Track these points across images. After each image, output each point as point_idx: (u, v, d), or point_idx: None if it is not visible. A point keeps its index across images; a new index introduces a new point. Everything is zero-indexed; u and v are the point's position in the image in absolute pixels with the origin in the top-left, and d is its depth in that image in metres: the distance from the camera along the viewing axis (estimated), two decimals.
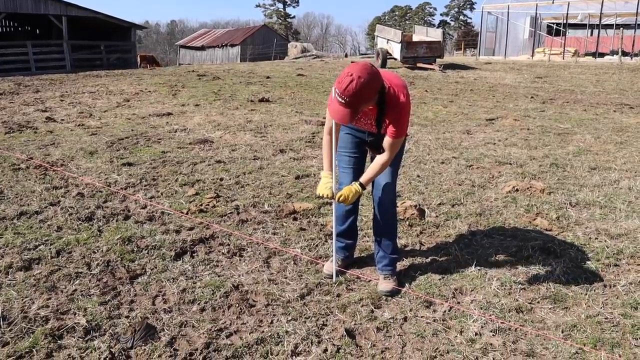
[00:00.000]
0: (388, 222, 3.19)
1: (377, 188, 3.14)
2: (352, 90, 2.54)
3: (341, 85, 2.57)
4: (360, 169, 3.23)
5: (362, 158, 3.23)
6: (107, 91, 13.76)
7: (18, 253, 3.61)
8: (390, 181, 3.12)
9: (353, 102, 2.59)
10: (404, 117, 2.83)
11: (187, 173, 5.62)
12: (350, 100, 2.58)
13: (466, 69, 21.39)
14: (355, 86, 2.54)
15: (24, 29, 36.27)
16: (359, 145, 3.18)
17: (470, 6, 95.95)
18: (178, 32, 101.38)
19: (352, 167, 3.21)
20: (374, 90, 2.65)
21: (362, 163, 3.24)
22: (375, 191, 3.18)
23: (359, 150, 3.20)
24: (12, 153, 6.57)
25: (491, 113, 9.81)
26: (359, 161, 3.23)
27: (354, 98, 2.57)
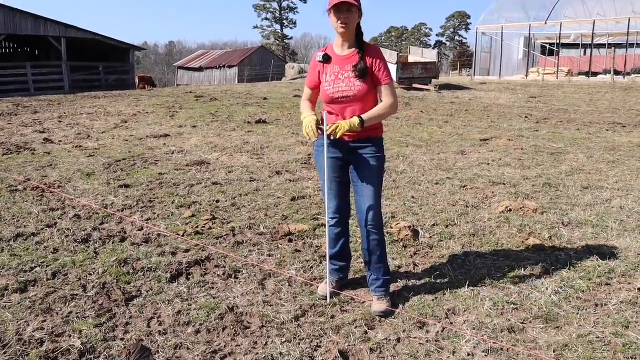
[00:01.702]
0: (377, 246, 3.22)
1: (362, 213, 3.17)
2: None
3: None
4: (346, 193, 3.29)
5: (347, 183, 3.28)
6: (105, 112, 13.85)
7: (14, 275, 3.63)
8: (375, 205, 3.14)
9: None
10: (385, 63, 3.09)
11: (184, 195, 5.66)
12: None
13: (461, 89, 21.58)
14: None
15: (24, 50, 36.55)
16: (342, 169, 3.23)
17: (466, 27, 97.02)
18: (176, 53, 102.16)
19: (336, 191, 3.26)
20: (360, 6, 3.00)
21: (347, 187, 3.29)
22: (360, 216, 3.21)
23: (343, 174, 3.24)
24: (10, 174, 6.61)
25: (486, 133, 9.90)
26: (344, 186, 3.28)
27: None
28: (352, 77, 3.04)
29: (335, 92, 3.07)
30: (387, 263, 3.33)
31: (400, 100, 16.42)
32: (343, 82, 3.06)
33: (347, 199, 3.31)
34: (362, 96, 3.04)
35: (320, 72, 3.16)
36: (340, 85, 3.06)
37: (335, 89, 3.07)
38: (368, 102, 3.06)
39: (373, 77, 3.05)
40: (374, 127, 3.10)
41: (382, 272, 3.24)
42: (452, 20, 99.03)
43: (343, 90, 3.06)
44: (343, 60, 3.09)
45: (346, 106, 3.07)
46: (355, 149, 3.12)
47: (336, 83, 3.08)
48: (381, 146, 3.17)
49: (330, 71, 3.11)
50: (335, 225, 3.33)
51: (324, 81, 3.13)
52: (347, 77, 3.05)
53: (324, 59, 3.13)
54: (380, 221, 3.21)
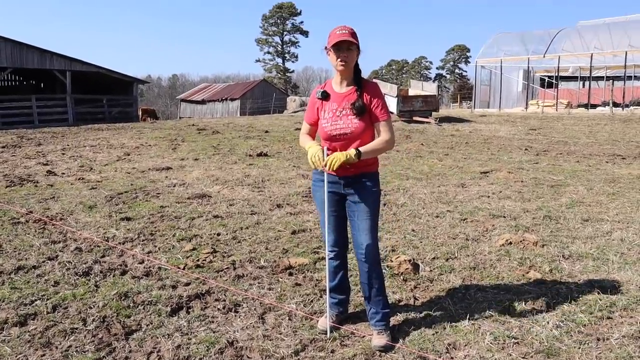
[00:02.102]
0: (375, 279, 3.24)
1: (359, 247, 3.20)
2: (348, 28, 3.06)
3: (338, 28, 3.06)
4: (343, 227, 3.33)
5: (343, 216, 3.31)
6: (108, 145, 13.97)
7: (14, 308, 3.63)
8: (371, 239, 3.17)
9: (352, 33, 3.05)
10: (383, 99, 3.14)
11: (185, 228, 5.69)
12: (350, 31, 3.04)
13: (462, 121, 21.75)
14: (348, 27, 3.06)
15: (29, 83, 37.05)
16: (339, 204, 3.26)
17: (465, 60, 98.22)
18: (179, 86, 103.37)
19: (334, 225, 3.30)
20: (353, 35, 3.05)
21: (344, 221, 3.32)
22: (357, 250, 3.23)
23: (340, 208, 3.28)
24: (12, 207, 6.65)
25: (486, 166, 9.96)
26: (341, 219, 3.31)
27: (352, 31, 3.05)
28: (349, 114, 3.09)
29: (333, 129, 3.12)
30: (386, 296, 3.34)
31: (401, 133, 16.57)
32: (341, 119, 3.11)
33: (344, 233, 3.35)
34: (359, 133, 3.09)
35: (319, 108, 3.22)
36: (338, 122, 3.11)
37: (333, 126, 3.12)
38: (365, 138, 3.11)
39: (371, 114, 3.10)
40: (368, 162, 3.14)
41: (381, 306, 3.24)
42: (452, 54, 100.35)
43: (340, 127, 3.11)
44: (341, 98, 3.15)
45: (344, 143, 3.12)
46: (351, 184, 3.16)
47: (334, 120, 3.13)
48: (376, 180, 3.21)
49: (329, 108, 3.16)
50: (334, 258, 3.36)
51: (322, 118, 3.19)
52: (345, 115, 3.11)
53: (322, 96, 3.19)
54: (377, 255, 3.24)
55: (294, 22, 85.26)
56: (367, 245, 3.16)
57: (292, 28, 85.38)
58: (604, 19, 33.23)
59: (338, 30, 3.04)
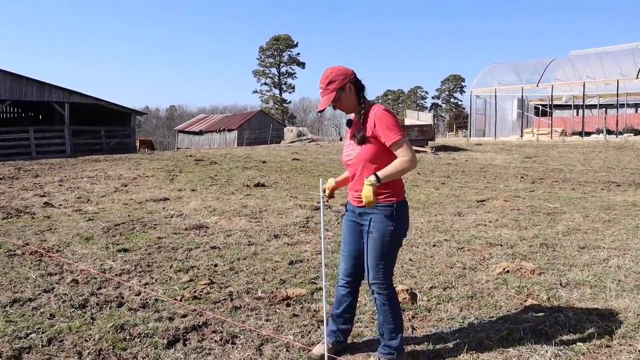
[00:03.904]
0: (380, 306, 3.23)
1: (367, 279, 3.25)
2: (325, 75, 3.14)
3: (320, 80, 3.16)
4: (358, 257, 3.32)
5: (359, 248, 3.31)
6: (106, 176, 14.00)
7: (8, 342, 3.60)
8: (374, 274, 3.18)
9: (328, 86, 3.12)
10: (386, 124, 3.07)
11: (182, 259, 5.67)
12: (326, 85, 3.13)
13: (458, 150, 21.91)
14: (327, 72, 3.15)
15: (28, 115, 37.29)
16: (357, 234, 3.30)
17: (460, 89, 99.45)
18: (177, 117, 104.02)
19: (347, 254, 3.36)
20: (343, 74, 3.14)
21: (360, 251, 3.30)
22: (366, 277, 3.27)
23: (356, 238, 3.31)
24: (9, 239, 6.63)
25: (482, 194, 10.00)
26: (355, 251, 3.33)
27: (326, 80, 3.12)
28: (354, 143, 3.21)
29: (345, 156, 3.32)
30: (397, 328, 3.23)
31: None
32: (350, 146, 3.26)
33: (357, 263, 3.32)
34: (361, 160, 3.15)
35: (346, 135, 3.42)
36: (348, 150, 3.28)
37: (345, 153, 3.32)
38: (381, 165, 3.09)
39: (378, 141, 3.11)
40: (388, 194, 3.12)
41: (387, 337, 3.22)
42: (447, 83, 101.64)
43: (348, 154, 3.27)
44: (353, 127, 3.29)
45: (352, 169, 3.25)
46: (363, 214, 3.20)
47: (346, 148, 3.31)
48: (390, 214, 3.11)
49: (347, 136, 3.35)
50: (343, 286, 3.41)
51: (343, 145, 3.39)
52: (351, 143, 3.24)
53: (347, 124, 3.37)
54: (382, 283, 3.19)
55: (291, 54, 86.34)
56: (371, 277, 3.20)
57: (288, 59, 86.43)
58: (596, 49, 33.82)
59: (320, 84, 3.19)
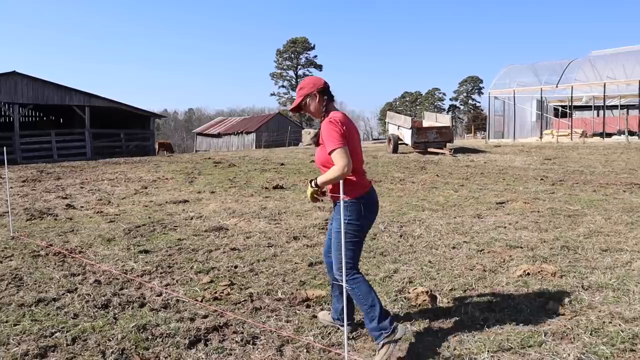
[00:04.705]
0: (350, 293, 3.49)
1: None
2: (300, 83, 3.65)
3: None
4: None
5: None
6: (126, 178, 14.16)
7: (34, 340, 3.67)
8: (335, 263, 3.51)
9: (299, 91, 3.61)
10: (327, 134, 3.40)
11: (202, 260, 5.73)
12: (298, 90, 3.63)
13: (476, 152, 21.76)
14: (303, 80, 3.65)
15: (49, 119, 37.88)
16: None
17: (478, 91, 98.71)
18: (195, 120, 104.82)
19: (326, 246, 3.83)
20: (313, 83, 3.57)
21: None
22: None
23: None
24: (33, 240, 6.75)
25: (501, 196, 9.92)
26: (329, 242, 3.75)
27: (299, 86, 3.62)
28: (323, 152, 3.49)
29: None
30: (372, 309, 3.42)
31: (416, 164, 16.61)
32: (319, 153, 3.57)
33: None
34: (318, 163, 3.57)
35: None
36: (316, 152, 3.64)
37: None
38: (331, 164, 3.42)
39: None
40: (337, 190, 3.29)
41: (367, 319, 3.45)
42: (465, 85, 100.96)
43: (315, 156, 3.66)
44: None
45: (319, 170, 3.59)
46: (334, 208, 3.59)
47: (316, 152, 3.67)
48: (345, 207, 3.41)
49: None
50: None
51: None
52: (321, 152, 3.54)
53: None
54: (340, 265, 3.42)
55: (308, 56, 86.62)
56: (335, 268, 3.54)
57: (305, 62, 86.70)
58: (617, 49, 33.29)
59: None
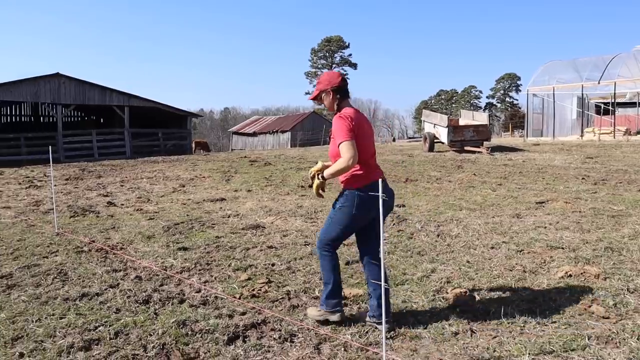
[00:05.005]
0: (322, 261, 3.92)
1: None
2: (320, 77, 3.96)
3: None
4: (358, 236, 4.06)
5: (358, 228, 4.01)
6: (164, 177, 14.42)
7: (79, 333, 3.78)
8: (324, 228, 3.91)
9: (317, 85, 3.91)
10: (336, 128, 3.67)
11: (240, 258, 5.79)
12: (316, 84, 3.94)
13: (514, 150, 21.36)
14: (322, 75, 3.97)
15: (90, 119, 38.90)
16: None
17: (516, 88, 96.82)
18: (231, 119, 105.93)
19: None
20: (329, 80, 3.85)
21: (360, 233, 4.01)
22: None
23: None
24: (76, 236, 6.95)
25: (541, 196, 9.72)
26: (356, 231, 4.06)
27: (318, 80, 3.92)
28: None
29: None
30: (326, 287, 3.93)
31: (452, 163, 16.40)
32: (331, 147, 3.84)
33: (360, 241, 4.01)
34: (330, 155, 3.83)
35: None
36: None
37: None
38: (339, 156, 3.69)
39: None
40: (346, 181, 3.77)
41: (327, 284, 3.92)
42: (502, 82, 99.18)
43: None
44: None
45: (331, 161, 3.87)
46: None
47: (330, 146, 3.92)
48: (346, 197, 3.76)
49: None
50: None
51: None
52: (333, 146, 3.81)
53: None
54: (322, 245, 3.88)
55: (342, 55, 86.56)
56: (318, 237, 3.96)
57: (340, 61, 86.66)
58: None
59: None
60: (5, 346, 3.63)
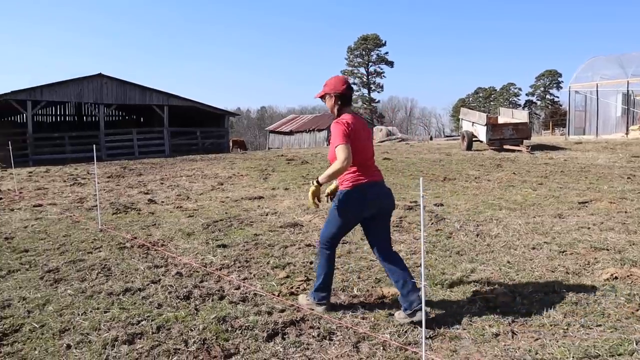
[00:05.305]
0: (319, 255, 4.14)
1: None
2: (328, 80, 4.15)
3: None
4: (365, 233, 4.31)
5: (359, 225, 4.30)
6: (203, 175, 14.65)
7: (123, 327, 3.88)
8: (323, 227, 4.13)
9: (323, 87, 4.14)
10: (333, 133, 3.91)
11: (278, 256, 5.83)
12: (323, 86, 4.15)
13: (555, 149, 20.88)
14: (330, 78, 4.15)
15: (131, 118, 39.81)
16: None
17: (557, 85, 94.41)
18: (267, 118, 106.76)
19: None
20: (333, 85, 4.07)
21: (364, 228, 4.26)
22: None
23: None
24: (119, 232, 7.13)
25: (584, 195, 9.47)
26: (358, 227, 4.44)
27: (325, 83, 4.14)
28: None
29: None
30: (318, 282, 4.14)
31: (491, 162, 16.13)
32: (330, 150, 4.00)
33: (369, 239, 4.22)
34: (329, 158, 3.98)
35: None
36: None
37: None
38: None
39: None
40: (342, 182, 4.01)
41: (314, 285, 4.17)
42: (543, 79, 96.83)
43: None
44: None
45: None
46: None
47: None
48: (338, 196, 4.00)
49: None
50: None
51: None
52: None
53: None
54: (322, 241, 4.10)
55: (379, 53, 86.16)
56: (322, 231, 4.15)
57: (377, 59, 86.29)
58: None
59: None
60: (54, 338, 3.76)
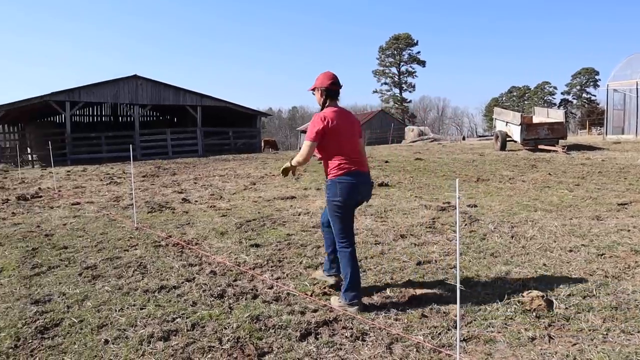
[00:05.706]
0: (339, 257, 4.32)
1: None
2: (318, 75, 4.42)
3: None
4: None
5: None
6: (235, 174, 14.79)
7: (158, 324, 3.96)
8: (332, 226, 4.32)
9: (315, 81, 4.38)
10: (309, 126, 4.24)
11: (311, 256, 5.85)
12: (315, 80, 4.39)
13: (592, 149, 20.39)
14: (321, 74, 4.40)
15: (165, 118, 40.47)
16: None
17: (594, 83, 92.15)
18: (298, 118, 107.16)
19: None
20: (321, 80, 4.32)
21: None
22: None
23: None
24: (154, 231, 7.25)
25: (623, 197, 9.22)
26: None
27: (316, 77, 4.40)
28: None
29: None
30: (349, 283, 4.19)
31: (526, 162, 15.86)
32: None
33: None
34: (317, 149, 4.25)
35: None
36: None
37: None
38: (324, 152, 4.27)
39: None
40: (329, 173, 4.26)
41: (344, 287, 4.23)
42: (579, 77, 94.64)
43: None
44: None
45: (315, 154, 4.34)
46: None
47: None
48: (328, 187, 4.25)
49: None
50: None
51: None
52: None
53: None
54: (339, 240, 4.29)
55: (411, 53, 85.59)
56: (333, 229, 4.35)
57: (408, 58, 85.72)
58: None
59: None
60: (92, 333, 3.85)
